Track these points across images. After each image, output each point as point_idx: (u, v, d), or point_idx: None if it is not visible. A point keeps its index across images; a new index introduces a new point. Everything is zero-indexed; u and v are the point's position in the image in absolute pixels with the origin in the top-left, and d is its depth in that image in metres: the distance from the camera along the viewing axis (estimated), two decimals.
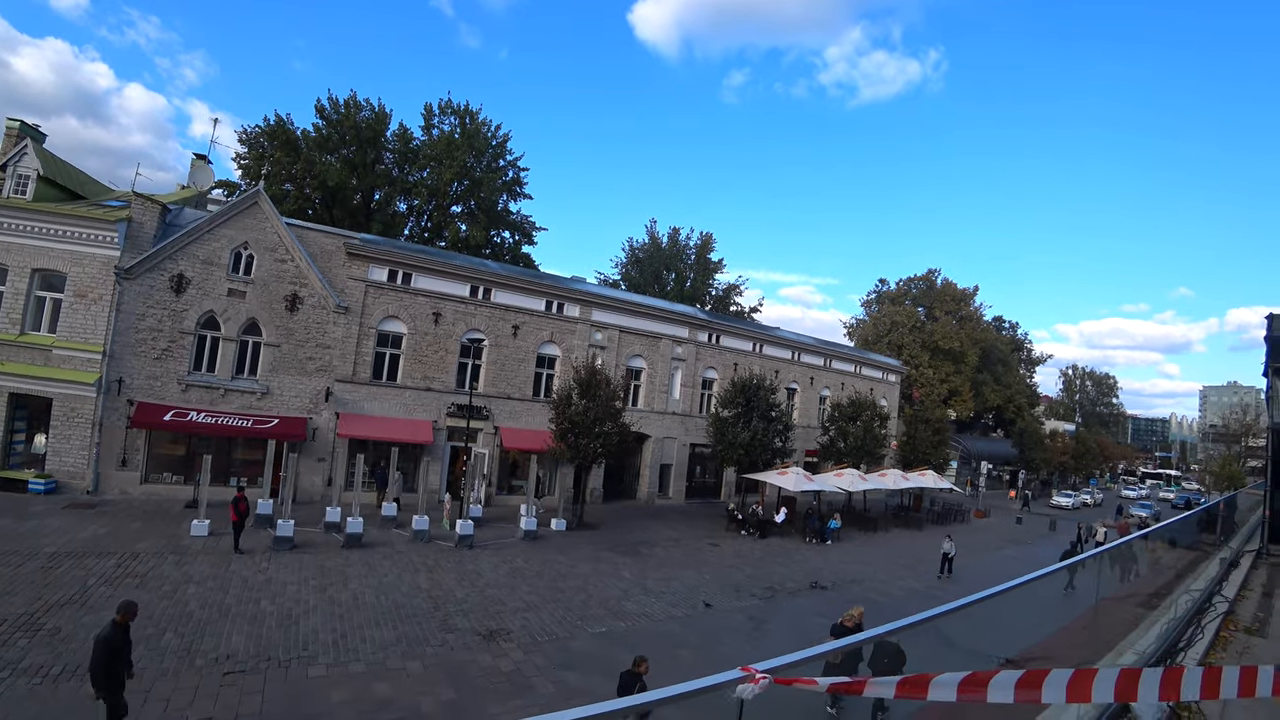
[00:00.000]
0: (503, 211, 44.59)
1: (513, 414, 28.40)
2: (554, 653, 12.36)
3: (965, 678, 2.38)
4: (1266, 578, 11.75)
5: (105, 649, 7.76)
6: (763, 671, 2.35)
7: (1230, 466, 74.16)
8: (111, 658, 7.81)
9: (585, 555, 20.55)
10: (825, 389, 44.38)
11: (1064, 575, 5.59)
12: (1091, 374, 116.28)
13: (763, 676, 2.33)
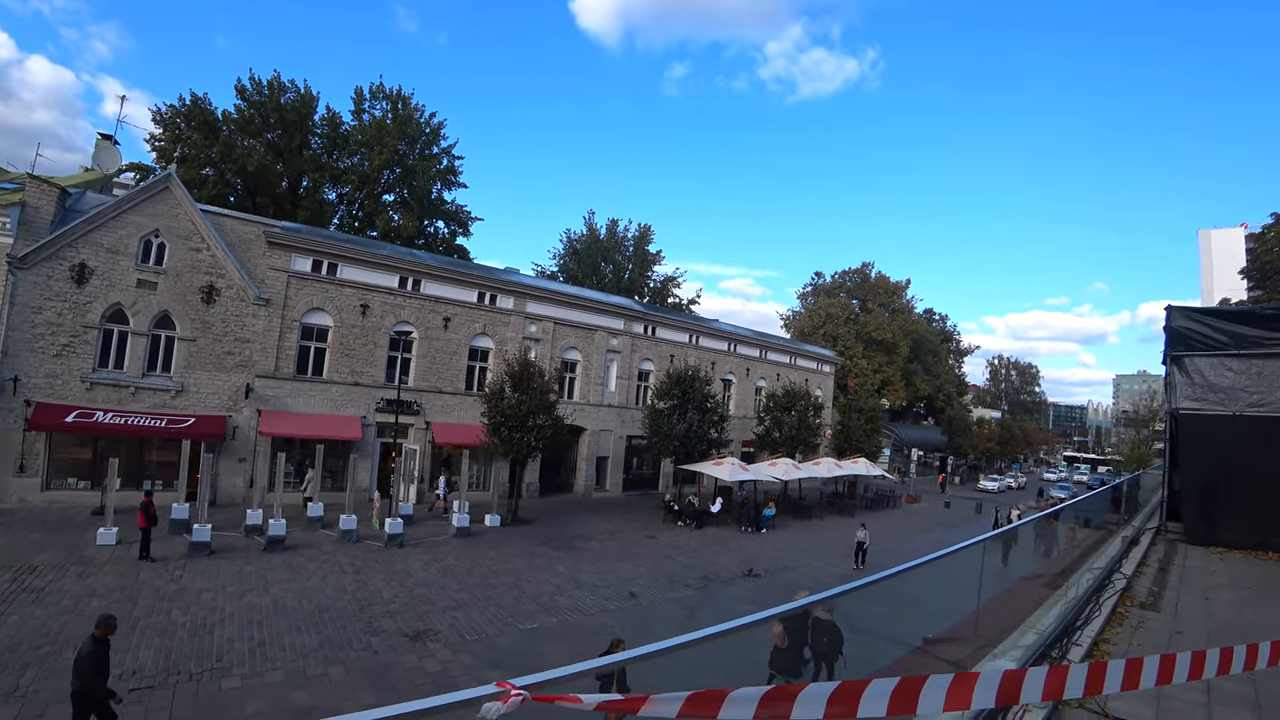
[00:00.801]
0: (437, 201, 43.51)
1: (445, 408, 27.89)
2: (482, 651, 12.23)
3: (834, 691, 2.17)
4: (1164, 553, 12.44)
5: (91, 665, 7.65)
6: (520, 688, 1.97)
7: (1139, 449, 79.35)
8: (96, 673, 7.71)
9: (519, 551, 20.40)
10: (761, 380, 45.17)
11: (977, 556, 5.74)
12: (1016, 364, 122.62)
13: (518, 693, 1.95)
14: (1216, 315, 14.81)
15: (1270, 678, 5.99)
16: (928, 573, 4.54)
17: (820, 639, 7.63)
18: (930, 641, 6.87)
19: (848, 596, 3.69)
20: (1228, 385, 13.42)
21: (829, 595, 3.54)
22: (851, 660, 8.06)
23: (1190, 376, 13.87)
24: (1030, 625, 7.02)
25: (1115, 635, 7.00)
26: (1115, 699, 5.14)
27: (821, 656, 7.97)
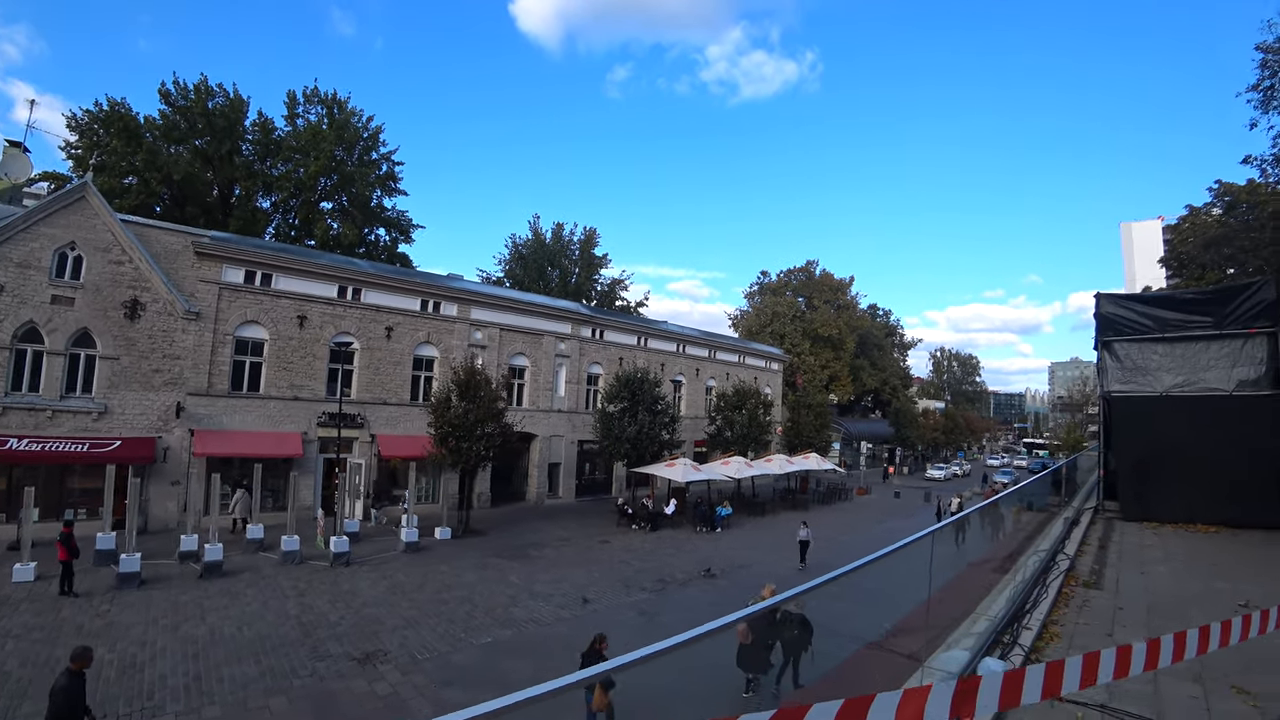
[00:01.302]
0: (377, 208, 42.49)
1: (390, 420, 27.18)
2: (435, 670, 11.88)
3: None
4: (1102, 531, 12.96)
5: (65, 700, 7.40)
6: None
7: (1074, 433, 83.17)
8: (73, 709, 7.47)
9: (471, 563, 19.97)
10: (711, 380, 45.49)
11: (926, 548, 5.78)
12: (957, 355, 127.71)
13: None
14: (1141, 300, 15.57)
15: (1218, 655, 6.24)
16: (882, 565, 4.52)
17: (790, 632, 7.66)
18: (886, 633, 6.93)
19: (810, 593, 3.67)
20: (1154, 367, 14.10)
21: (799, 591, 3.54)
22: (814, 653, 8.13)
23: (1120, 360, 14.52)
24: (982, 612, 7.15)
25: (1063, 616, 7.20)
26: (1069, 683, 5.27)
27: (790, 649, 8.00)
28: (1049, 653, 6.00)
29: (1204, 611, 7.54)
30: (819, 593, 3.71)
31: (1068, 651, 6.08)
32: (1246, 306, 13.41)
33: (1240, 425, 12.90)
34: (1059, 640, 6.37)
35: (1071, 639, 6.42)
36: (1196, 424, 13.26)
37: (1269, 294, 13.39)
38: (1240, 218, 29.79)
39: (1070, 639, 6.42)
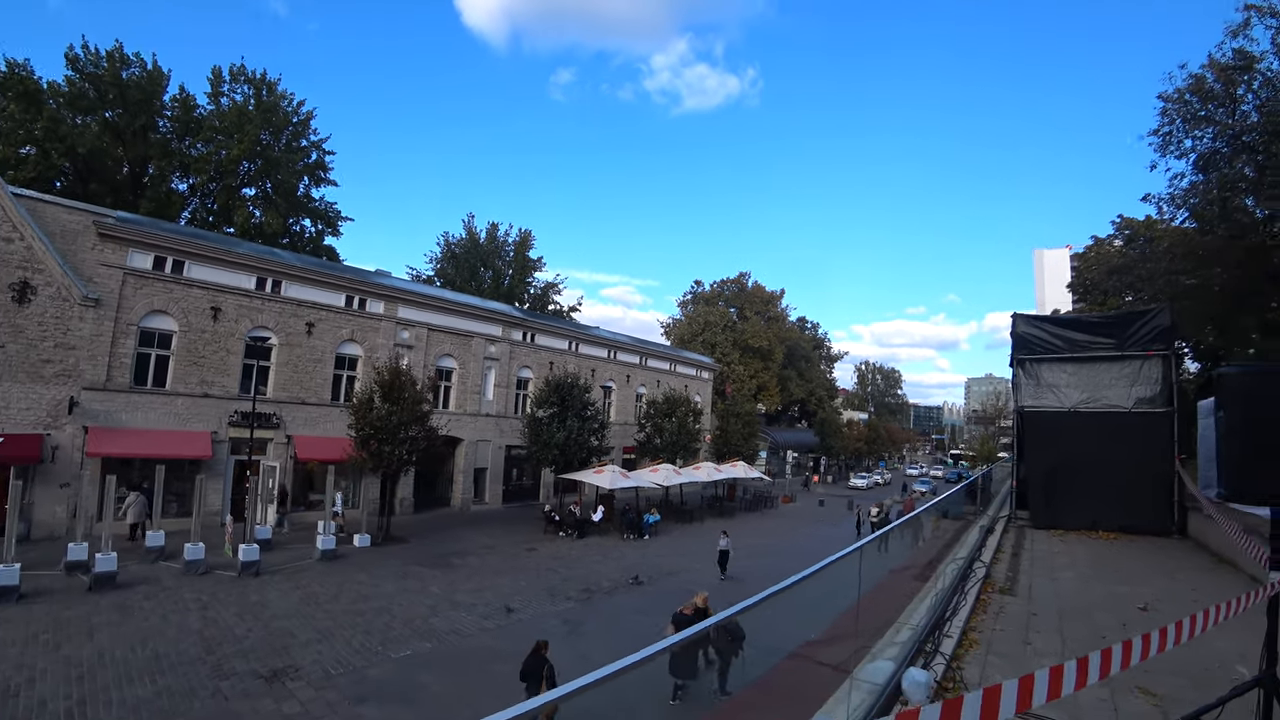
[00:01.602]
0: (303, 197, 40.49)
1: (308, 421, 26.01)
2: (349, 686, 11.35)
3: None
4: (1015, 539, 13.60)
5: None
6: None
7: (987, 445, 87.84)
8: None
9: (391, 572, 19.29)
10: (641, 386, 45.62)
11: (854, 561, 5.84)
12: (881, 369, 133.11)
13: None
14: (1053, 322, 16.55)
15: None
16: (814, 580, 4.54)
17: (723, 637, 7.69)
18: (808, 640, 7.00)
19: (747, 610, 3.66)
20: (1063, 384, 14.98)
21: (744, 606, 3.51)
22: (735, 669, 8.16)
23: (1033, 378, 15.36)
24: (905, 620, 7.32)
25: (981, 623, 7.44)
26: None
27: (722, 655, 8.07)
28: (969, 660, 6.17)
29: (1108, 615, 7.99)
30: (757, 605, 3.71)
31: (986, 657, 6.26)
32: (1145, 331, 14.47)
33: (1137, 440, 13.90)
34: (978, 647, 6.57)
35: (990, 645, 6.63)
36: (1099, 438, 14.20)
37: (1164, 320, 14.51)
38: (1138, 250, 32.23)
39: (989, 645, 6.63)
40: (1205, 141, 25.56)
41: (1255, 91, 24.04)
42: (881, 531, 7.82)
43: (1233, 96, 24.42)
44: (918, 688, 4.90)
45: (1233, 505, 6.29)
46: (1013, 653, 6.46)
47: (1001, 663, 6.15)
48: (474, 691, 11.68)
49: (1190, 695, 5.14)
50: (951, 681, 5.50)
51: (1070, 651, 6.62)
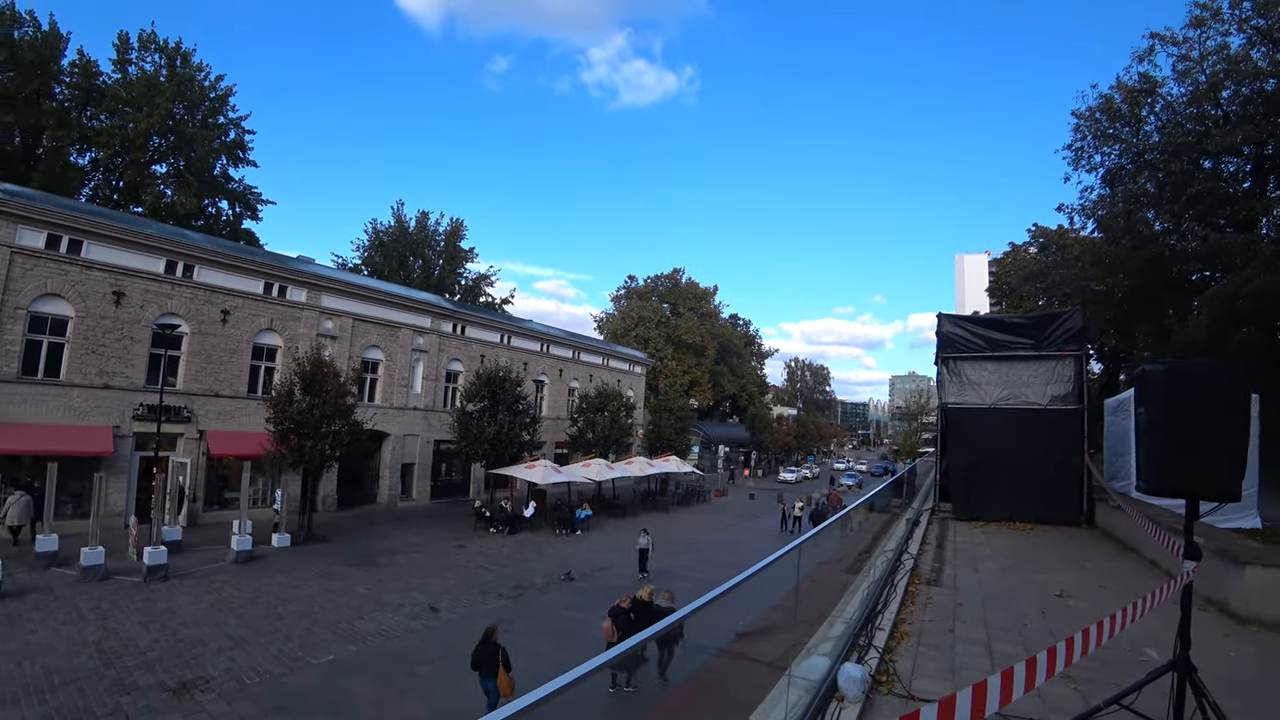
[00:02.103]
0: (220, 178, 38.05)
1: (222, 415, 24.60)
2: (266, 696, 10.75)
3: None
4: (939, 531, 14.04)
5: None
6: None
7: (910, 439, 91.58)
8: None
9: (313, 573, 18.46)
10: (574, 381, 45.30)
11: (792, 560, 5.83)
12: (810, 366, 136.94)
13: None
14: (975, 322, 17.22)
15: (1039, 639, 6.85)
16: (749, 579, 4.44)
17: (668, 632, 7.67)
18: (744, 634, 7.00)
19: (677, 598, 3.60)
20: (984, 382, 15.60)
21: (693, 609, 3.47)
22: (675, 660, 8.15)
23: (956, 375, 15.93)
24: (838, 614, 7.39)
25: (911, 614, 7.59)
26: (920, 679, 5.54)
27: (662, 644, 8.09)
28: (901, 651, 6.26)
29: (1028, 602, 8.32)
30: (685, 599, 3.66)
31: (917, 648, 6.38)
32: (1060, 332, 15.25)
33: (1051, 435, 14.63)
34: (909, 639, 6.68)
35: (920, 636, 6.76)
36: (1016, 434, 14.87)
37: (1077, 322, 15.35)
38: (1051, 257, 34.29)
39: (919, 636, 6.76)
40: (1112, 158, 27.36)
41: (1157, 114, 25.85)
42: (813, 532, 7.90)
43: (1138, 117, 26.18)
44: (853, 683, 4.94)
45: (1145, 498, 6.64)
46: (941, 643, 6.60)
47: (931, 653, 6.27)
48: (400, 696, 11.29)
49: (1103, 677, 5.37)
50: (885, 674, 5.54)
51: (994, 639, 6.82)
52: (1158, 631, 5.95)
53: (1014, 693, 2.75)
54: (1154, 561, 10.60)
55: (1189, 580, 4.21)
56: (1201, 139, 23.35)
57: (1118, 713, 4.36)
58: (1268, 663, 6.12)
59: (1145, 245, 24.92)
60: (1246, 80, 22.71)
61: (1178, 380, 4.11)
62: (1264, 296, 17.68)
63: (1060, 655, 2.99)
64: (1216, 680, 4.87)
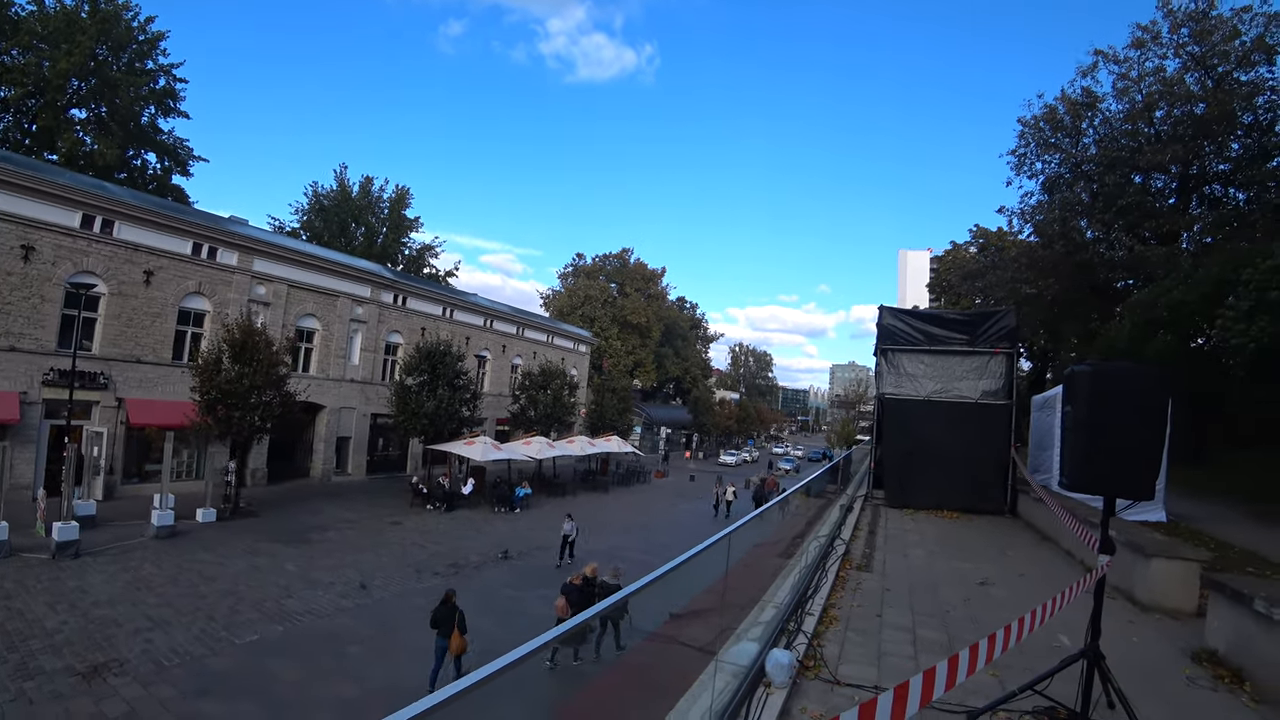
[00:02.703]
0: (148, 128, 35.68)
1: (144, 382, 23.32)
2: (186, 679, 10.33)
3: None
4: (871, 517, 14.43)
5: None
6: None
7: (848, 427, 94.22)
8: None
9: (240, 549, 17.83)
10: (517, 357, 44.79)
11: (722, 547, 5.88)
12: (753, 351, 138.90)
13: None
14: (914, 316, 17.70)
15: (961, 626, 7.12)
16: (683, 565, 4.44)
17: (614, 608, 7.78)
18: (675, 617, 7.05)
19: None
20: (920, 375, 16.07)
21: (633, 589, 3.51)
22: (624, 634, 8.28)
23: (894, 367, 16.36)
24: (769, 599, 7.49)
25: (840, 599, 7.76)
26: (846, 664, 5.68)
27: (608, 619, 8.25)
28: (829, 636, 6.41)
29: (952, 589, 8.64)
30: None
31: (845, 634, 6.53)
32: (993, 330, 15.83)
33: (980, 429, 15.24)
34: (837, 624, 6.83)
35: (848, 621, 6.93)
36: (948, 426, 15.43)
37: (1010, 322, 15.97)
38: (990, 257, 35.63)
39: (847, 621, 6.92)
40: (1053, 166, 28.63)
41: (1096, 127, 27.11)
42: (748, 518, 8.01)
43: (1078, 129, 27.43)
44: (780, 669, 5.00)
45: (1065, 493, 6.95)
46: (868, 628, 6.77)
47: (858, 638, 6.43)
48: (329, 676, 11.05)
49: (1019, 663, 5.58)
50: (813, 659, 5.63)
51: (919, 624, 7.05)
52: (1070, 619, 6.25)
53: (935, 691, 2.81)
54: (1070, 551, 11.17)
55: (1103, 574, 4.44)
56: (1134, 155, 24.59)
57: (1032, 697, 4.60)
58: (1166, 647, 6.53)
59: (1077, 251, 26.18)
60: (1179, 102, 23.96)
61: (1102, 381, 4.28)
62: (1181, 306, 18.77)
63: (997, 644, 3.10)
64: (1120, 664, 5.20)
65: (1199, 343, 20.12)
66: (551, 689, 8.34)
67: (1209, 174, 25.35)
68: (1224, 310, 15.23)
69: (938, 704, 4.72)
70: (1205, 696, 5.35)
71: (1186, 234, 25.17)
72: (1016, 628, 3.25)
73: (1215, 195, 25.88)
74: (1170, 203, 26.08)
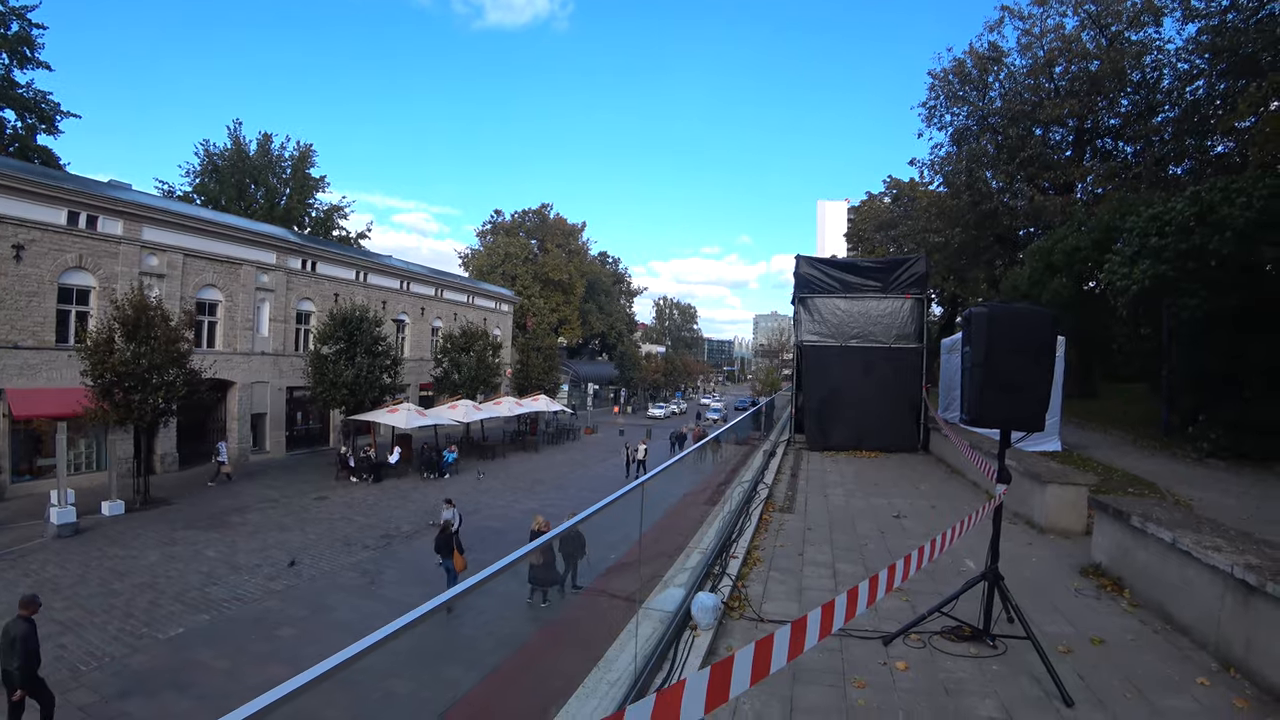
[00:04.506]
0: (2, 81, 32.00)
1: (25, 369, 21.42)
2: (106, 681, 9.92)
3: None
4: (793, 461, 15.01)
5: (29, 644, 8.20)
6: None
7: (771, 375, 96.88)
8: (37, 649, 8.35)
9: (154, 540, 16.99)
10: (438, 320, 43.66)
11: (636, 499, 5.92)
12: (678, 304, 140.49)
13: None
14: (830, 264, 18.23)
15: (877, 558, 7.55)
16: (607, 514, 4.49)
17: (569, 544, 8.21)
18: (607, 571, 7.23)
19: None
20: (837, 321, 16.67)
21: (568, 525, 3.63)
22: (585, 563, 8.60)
23: (812, 314, 16.89)
24: (695, 545, 7.75)
25: (764, 541, 8.10)
26: (770, 601, 5.97)
27: (569, 559, 8.93)
28: (753, 577, 6.67)
29: (869, 523, 9.15)
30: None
31: (768, 573, 6.83)
32: (905, 276, 16.52)
33: (894, 371, 16.08)
34: (761, 564, 7.11)
35: (771, 561, 7.23)
36: (864, 370, 16.18)
37: (921, 268, 16.70)
38: (902, 208, 36.94)
39: (770, 561, 7.23)
40: (960, 118, 29.72)
41: (1001, 81, 28.26)
42: (665, 466, 8.20)
43: (985, 83, 28.52)
44: (705, 612, 5.18)
45: (969, 427, 7.43)
46: (791, 566, 7.09)
47: (781, 576, 6.73)
48: (260, 661, 10.80)
49: (929, 588, 6.05)
50: (738, 600, 5.86)
51: (838, 559, 7.45)
52: (975, 545, 6.76)
53: (857, 609, 2.94)
54: (975, 483, 12.00)
55: (999, 502, 4.82)
56: (1035, 109, 25.87)
57: (940, 618, 5.02)
58: (1059, 564, 7.17)
59: (982, 201, 27.50)
60: (1076, 59, 25.23)
61: (997, 322, 4.58)
62: (1075, 252, 20.12)
63: (899, 572, 3.32)
64: (1019, 583, 5.73)
65: (1090, 286, 21.60)
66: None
67: (1101, 128, 26.99)
68: (1111, 255, 16.39)
69: (854, 631, 5.08)
70: (1090, 604, 5.93)
71: (1081, 185, 26.82)
72: (916, 556, 3.48)
73: (1106, 149, 27.60)
74: (1067, 155, 27.63)
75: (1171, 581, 5.39)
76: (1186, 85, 23.46)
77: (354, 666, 1.77)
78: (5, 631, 8.26)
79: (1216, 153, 23.67)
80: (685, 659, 4.64)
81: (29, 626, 8.34)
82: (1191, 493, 11.68)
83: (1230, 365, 15.38)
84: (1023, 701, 4.12)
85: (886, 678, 4.48)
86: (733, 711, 3.97)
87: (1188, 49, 23.12)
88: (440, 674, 6.75)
